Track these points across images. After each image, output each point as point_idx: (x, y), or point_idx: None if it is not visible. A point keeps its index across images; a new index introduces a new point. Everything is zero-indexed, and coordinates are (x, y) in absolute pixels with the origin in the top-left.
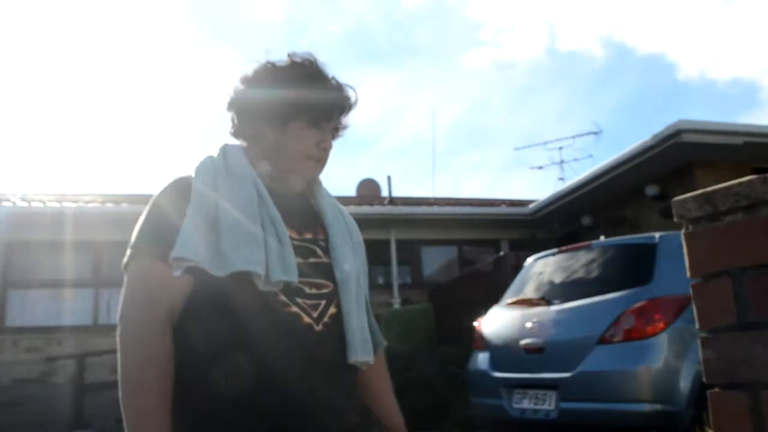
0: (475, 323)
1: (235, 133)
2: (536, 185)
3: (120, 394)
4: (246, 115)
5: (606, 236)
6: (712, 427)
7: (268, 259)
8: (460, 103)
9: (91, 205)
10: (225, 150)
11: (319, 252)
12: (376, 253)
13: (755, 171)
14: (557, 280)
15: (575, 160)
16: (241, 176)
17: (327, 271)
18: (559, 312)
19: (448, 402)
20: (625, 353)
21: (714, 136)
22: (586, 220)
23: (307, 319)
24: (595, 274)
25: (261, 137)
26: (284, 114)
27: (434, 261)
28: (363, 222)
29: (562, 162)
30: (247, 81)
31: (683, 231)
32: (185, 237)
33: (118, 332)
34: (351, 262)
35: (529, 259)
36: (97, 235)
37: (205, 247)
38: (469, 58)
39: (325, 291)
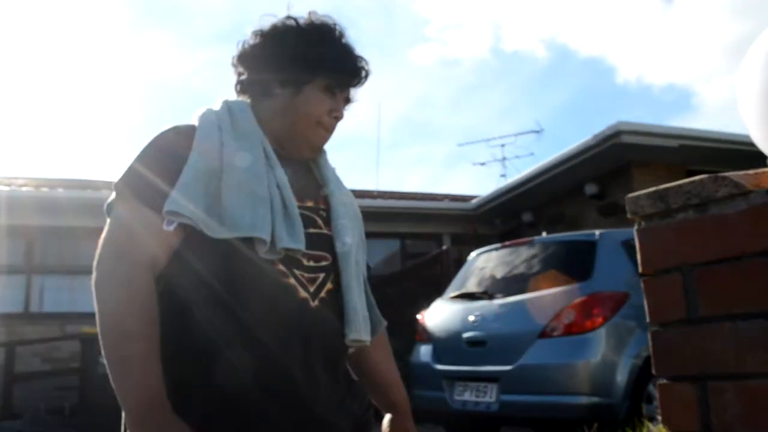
0: (418, 316)
1: (242, 89)
2: (478, 181)
3: (102, 345)
4: (258, 70)
5: (547, 233)
6: (661, 417)
7: (274, 224)
8: (405, 98)
9: (24, 189)
10: (229, 105)
11: (320, 222)
12: None
13: (689, 173)
14: (500, 274)
15: (517, 157)
16: (249, 134)
17: (327, 242)
18: (501, 306)
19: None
20: (564, 347)
21: (652, 138)
22: (526, 217)
23: (303, 293)
24: (536, 269)
25: (272, 96)
26: (301, 75)
27: (377, 254)
28: None
29: (504, 159)
30: (263, 35)
31: (636, 227)
32: (184, 189)
33: (93, 278)
34: (352, 234)
35: (473, 254)
36: (30, 220)
37: (204, 204)
38: (415, 53)
39: (323, 264)
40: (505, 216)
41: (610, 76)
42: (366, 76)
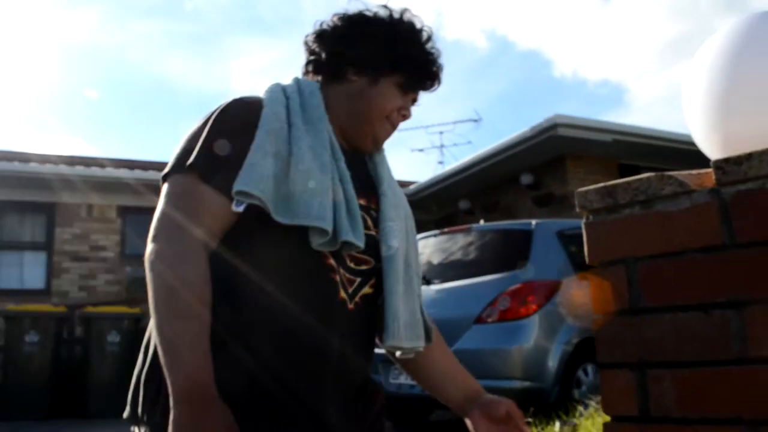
0: None
1: (315, 70)
2: (416, 167)
3: (154, 320)
4: (337, 53)
5: (484, 220)
6: (602, 402)
7: (337, 217)
8: None
9: None
10: (300, 84)
11: (369, 222)
12: None
13: (621, 167)
14: (437, 260)
15: (455, 145)
16: (317, 119)
17: (372, 245)
18: (438, 292)
19: None
20: (499, 333)
21: (587, 132)
22: (463, 204)
23: (342, 294)
24: (473, 256)
25: (346, 81)
26: (382, 67)
27: None
28: None
29: (442, 146)
30: (349, 20)
31: (583, 221)
32: (255, 168)
33: (149, 252)
34: (400, 237)
35: None
36: None
37: (272, 187)
38: None
39: (363, 268)
40: (442, 203)
41: (548, 69)
42: (439, 84)
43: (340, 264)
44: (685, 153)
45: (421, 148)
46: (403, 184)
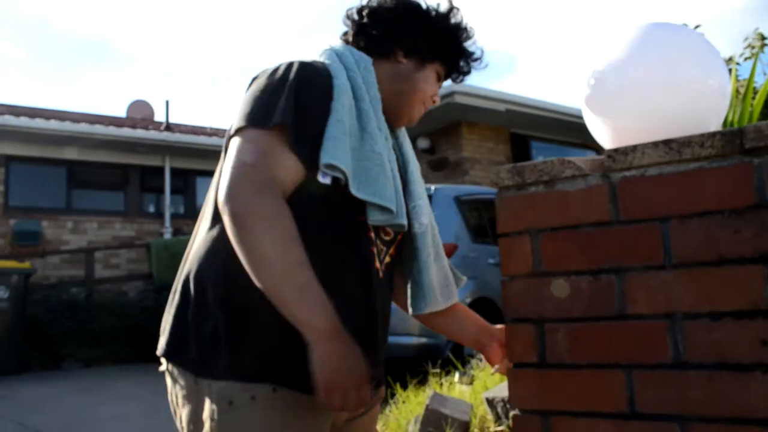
0: None
1: (365, 44)
2: None
3: (267, 276)
4: (392, 33)
5: None
6: (507, 351)
7: (397, 198)
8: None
9: None
10: (355, 57)
11: None
12: (149, 180)
13: (512, 135)
14: None
15: None
16: (375, 98)
17: None
18: None
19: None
20: None
21: (482, 101)
22: None
23: (377, 263)
24: None
25: (394, 61)
26: (429, 53)
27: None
28: (136, 146)
29: None
30: (406, 4)
31: (497, 196)
32: (339, 142)
33: (234, 211)
34: (428, 213)
35: None
36: None
37: (351, 161)
38: None
39: (388, 239)
40: None
41: None
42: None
43: (377, 236)
44: (569, 125)
45: None
46: None
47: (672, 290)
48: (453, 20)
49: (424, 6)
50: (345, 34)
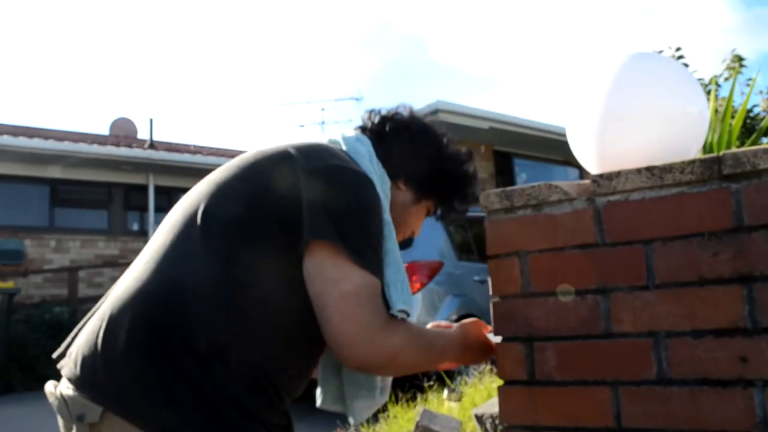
0: None
1: (381, 154)
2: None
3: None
4: (404, 159)
5: None
6: (497, 369)
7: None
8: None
9: None
10: (383, 177)
11: None
12: (133, 198)
13: (495, 153)
14: None
15: (336, 122)
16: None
17: None
18: None
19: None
20: None
21: (466, 119)
22: None
23: None
24: None
25: (395, 183)
26: (428, 193)
27: None
28: (120, 165)
29: (323, 123)
30: (425, 136)
31: (486, 219)
32: (403, 284)
33: (384, 351)
34: None
35: None
36: None
37: None
38: None
39: None
40: None
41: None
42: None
43: None
44: (552, 142)
45: (302, 124)
46: None
47: (655, 309)
48: (465, 168)
49: (443, 141)
50: (363, 130)
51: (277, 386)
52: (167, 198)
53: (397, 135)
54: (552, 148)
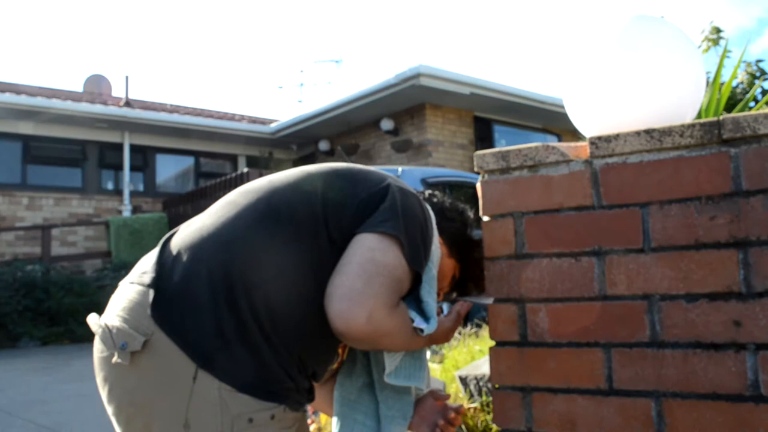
0: None
1: (439, 224)
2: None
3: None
4: (444, 221)
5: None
6: (489, 330)
7: None
8: None
9: None
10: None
11: None
12: (108, 157)
13: (476, 118)
14: None
15: (315, 84)
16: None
17: None
18: None
19: None
20: None
21: (447, 84)
22: (323, 145)
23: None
24: None
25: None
26: (455, 251)
27: (169, 170)
28: (94, 122)
29: (302, 85)
30: (458, 212)
31: (480, 179)
32: (434, 310)
33: (381, 320)
34: None
35: None
36: None
37: None
38: None
39: None
40: (302, 142)
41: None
42: None
43: None
44: (531, 110)
45: (281, 86)
46: (264, 121)
47: (650, 273)
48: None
49: (468, 220)
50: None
51: (306, 362)
52: (143, 157)
53: (441, 213)
54: (531, 116)
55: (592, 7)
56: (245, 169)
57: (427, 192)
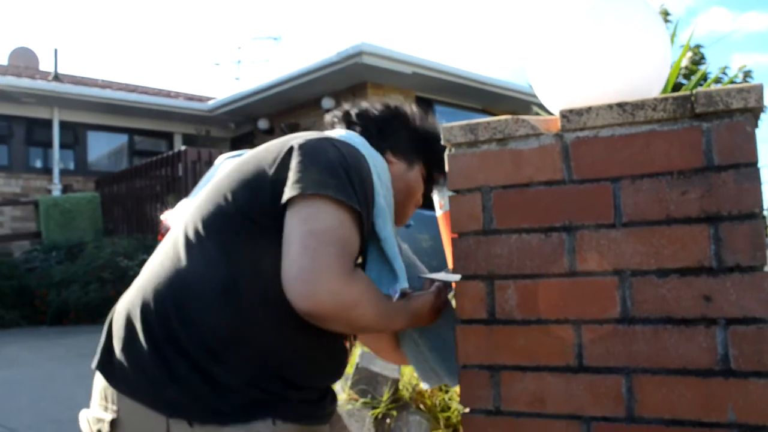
0: (162, 216)
1: (367, 138)
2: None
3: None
4: (382, 132)
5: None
6: (457, 308)
7: None
8: None
9: None
10: (374, 157)
11: None
12: (36, 134)
13: (417, 98)
14: None
15: (253, 62)
16: (390, 205)
17: None
18: None
19: (120, 294)
20: None
21: (390, 62)
22: (262, 123)
23: None
24: None
25: (387, 161)
26: (414, 155)
27: (102, 148)
28: (21, 96)
29: (239, 62)
30: (393, 110)
31: (447, 152)
32: (401, 262)
33: (336, 291)
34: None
35: (221, 157)
36: None
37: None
38: None
39: None
40: (239, 120)
41: None
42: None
43: None
44: (472, 90)
45: (217, 62)
46: (201, 99)
47: (621, 248)
48: (434, 122)
49: (408, 111)
50: (338, 125)
51: (291, 368)
52: (73, 134)
53: (369, 118)
54: (472, 96)
55: None
56: (182, 147)
57: (354, 112)
